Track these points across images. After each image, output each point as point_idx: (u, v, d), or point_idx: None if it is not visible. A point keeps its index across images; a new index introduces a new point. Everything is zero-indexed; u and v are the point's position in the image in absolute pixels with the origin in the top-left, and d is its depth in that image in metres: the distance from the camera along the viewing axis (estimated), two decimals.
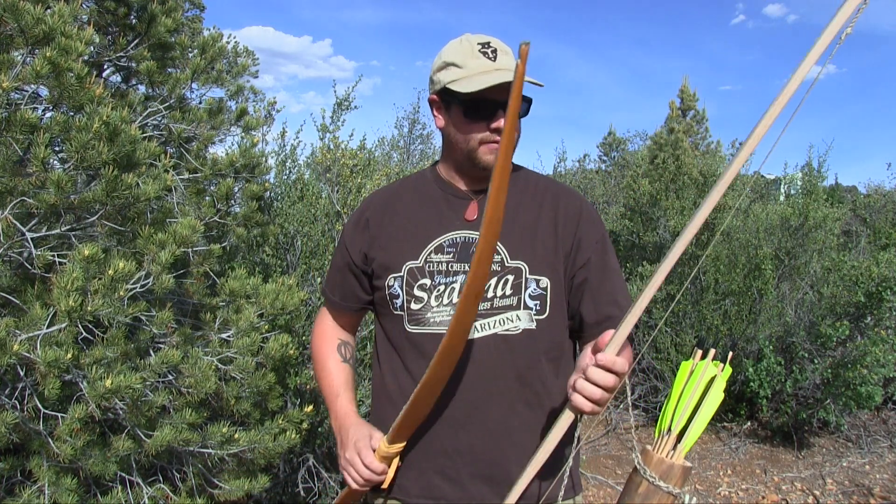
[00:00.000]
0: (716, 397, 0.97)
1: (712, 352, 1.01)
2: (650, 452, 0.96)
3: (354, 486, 1.25)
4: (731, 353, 1.03)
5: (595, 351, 1.04)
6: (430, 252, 1.27)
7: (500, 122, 1.20)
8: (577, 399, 1.01)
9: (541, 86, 1.22)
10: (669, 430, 0.97)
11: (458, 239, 1.27)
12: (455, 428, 1.23)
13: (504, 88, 1.18)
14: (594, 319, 1.26)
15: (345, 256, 1.38)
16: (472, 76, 1.19)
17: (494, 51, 1.22)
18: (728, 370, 0.99)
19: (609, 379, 1.00)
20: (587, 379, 1.00)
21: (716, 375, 0.98)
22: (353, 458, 1.23)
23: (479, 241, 1.00)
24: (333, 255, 1.46)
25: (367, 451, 1.22)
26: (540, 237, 1.27)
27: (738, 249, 4.86)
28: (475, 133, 1.23)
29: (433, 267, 1.26)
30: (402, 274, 1.27)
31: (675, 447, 0.96)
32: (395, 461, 1.25)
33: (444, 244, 1.27)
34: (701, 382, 0.97)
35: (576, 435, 1.06)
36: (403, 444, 1.22)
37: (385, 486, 1.26)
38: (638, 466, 0.96)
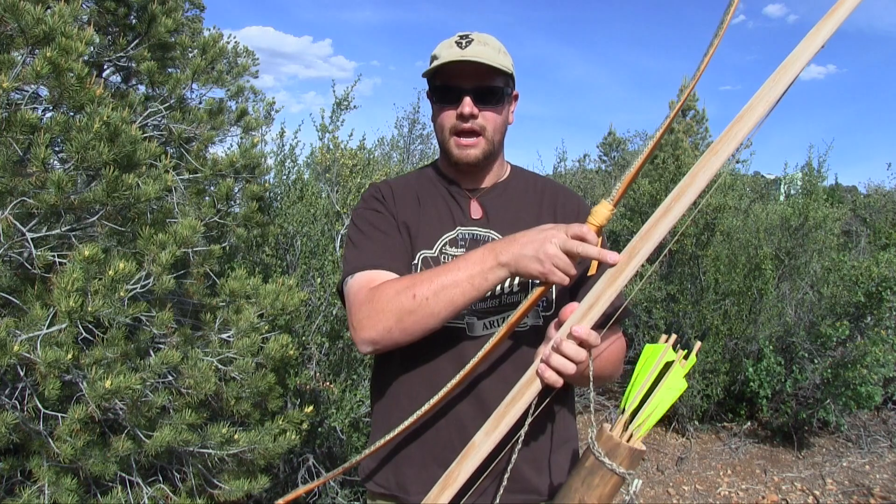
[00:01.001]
0: (673, 383, 0.95)
1: (673, 337, 0.99)
2: (604, 429, 0.96)
3: (564, 277, 1.02)
4: (698, 344, 1.00)
5: (558, 324, 1.03)
6: (446, 244, 1.28)
7: (465, 108, 1.22)
8: (549, 375, 0.99)
9: (508, 73, 1.24)
10: (624, 409, 0.97)
11: (468, 234, 1.28)
12: (463, 424, 1.23)
13: (469, 76, 1.21)
14: None
15: (389, 220, 1.28)
16: (439, 62, 1.23)
17: (470, 42, 1.24)
18: (692, 360, 0.97)
19: (582, 354, 0.98)
20: (560, 353, 0.98)
21: (673, 361, 0.96)
22: (559, 237, 1.01)
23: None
24: (364, 229, 1.29)
25: (574, 226, 1.01)
26: None
27: (738, 249, 4.86)
28: (446, 122, 1.26)
29: (447, 259, 1.26)
30: (416, 262, 1.27)
31: (627, 428, 0.95)
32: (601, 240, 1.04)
33: (458, 237, 1.28)
34: (658, 366, 0.96)
35: (527, 421, 1.03)
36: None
37: (594, 270, 1.10)
38: (589, 441, 0.96)
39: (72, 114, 1.79)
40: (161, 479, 2.03)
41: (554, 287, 1.25)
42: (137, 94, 2.43)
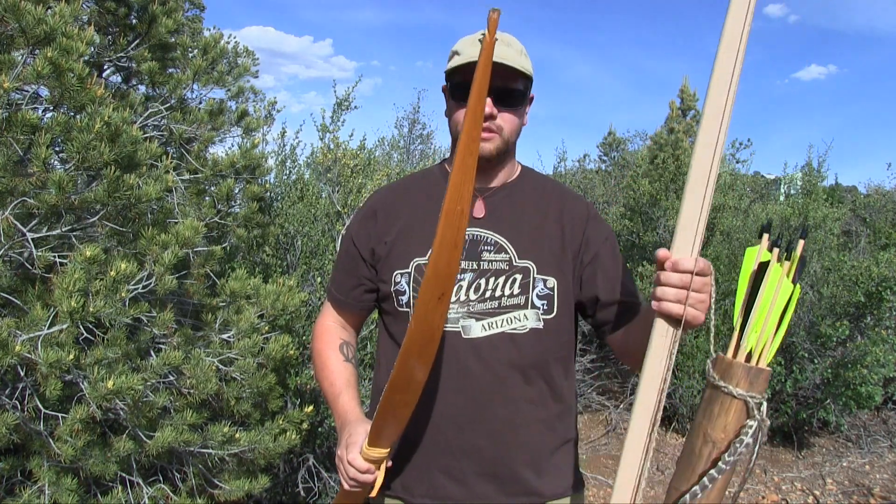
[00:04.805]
0: (773, 285, 0.87)
1: (765, 238, 0.91)
2: (719, 355, 0.90)
3: (345, 485, 1.22)
4: (801, 242, 0.88)
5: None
6: None
7: (487, 109, 1.21)
8: (665, 305, 0.94)
9: (529, 76, 1.25)
10: (733, 329, 0.90)
11: (467, 236, 1.27)
12: (461, 426, 1.23)
13: (494, 74, 1.20)
14: (610, 298, 1.25)
15: (351, 251, 1.37)
16: (462, 59, 1.22)
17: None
18: (796, 257, 0.88)
19: (686, 279, 0.93)
20: (663, 283, 0.95)
21: (769, 261, 0.88)
22: (342, 455, 1.20)
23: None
24: (338, 252, 1.44)
25: (353, 448, 1.18)
26: (547, 237, 1.28)
27: (738, 249, 4.86)
28: (463, 119, 1.24)
29: None
30: (409, 270, 1.27)
31: (738, 346, 0.88)
32: (384, 465, 1.20)
33: None
34: (754, 269, 0.89)
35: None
36: (386, 450, 1.18)
37: (374, 493, 1.22)
38: (706, 371, 0.90)
39: (72, 114, 1.79)
40: (161, 479, 2.03)
41: (557, 290, 1.25)
42: (138, 95, 2.43)
